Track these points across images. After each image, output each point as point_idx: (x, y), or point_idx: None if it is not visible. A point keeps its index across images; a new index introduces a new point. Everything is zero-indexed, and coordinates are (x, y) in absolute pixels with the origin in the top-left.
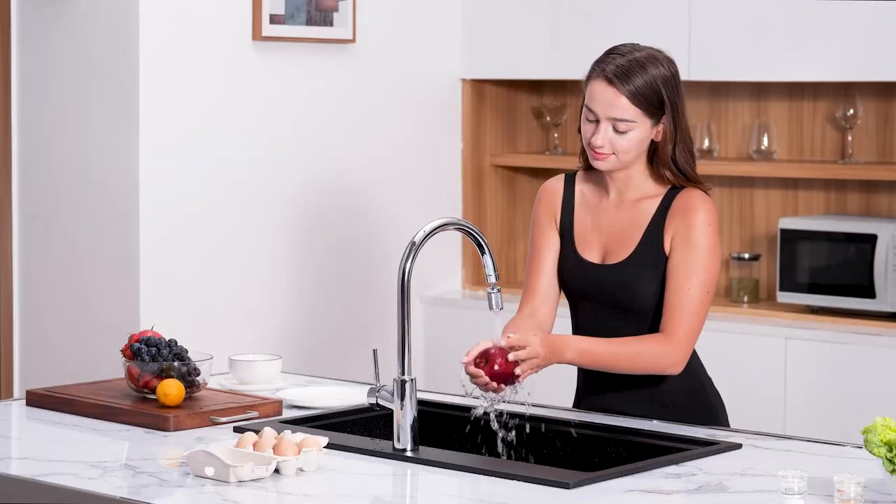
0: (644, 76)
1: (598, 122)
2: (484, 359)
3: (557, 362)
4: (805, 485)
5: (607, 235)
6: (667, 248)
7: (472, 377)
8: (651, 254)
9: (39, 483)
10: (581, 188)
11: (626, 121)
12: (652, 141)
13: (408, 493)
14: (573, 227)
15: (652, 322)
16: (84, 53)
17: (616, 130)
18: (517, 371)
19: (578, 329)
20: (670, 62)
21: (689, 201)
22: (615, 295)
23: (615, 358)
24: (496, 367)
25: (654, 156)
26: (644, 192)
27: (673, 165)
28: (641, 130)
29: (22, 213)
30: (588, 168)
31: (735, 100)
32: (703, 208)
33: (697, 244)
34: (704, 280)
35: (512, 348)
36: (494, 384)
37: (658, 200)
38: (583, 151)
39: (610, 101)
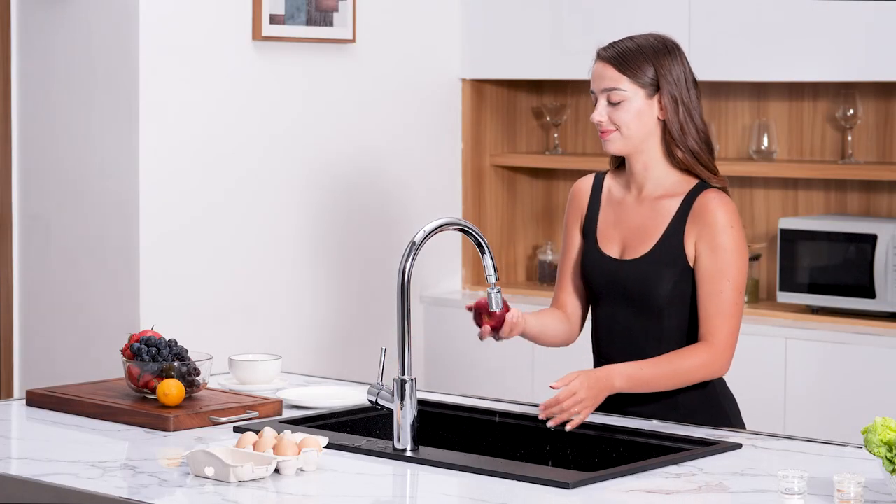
0: (632, 47)
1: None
2: (487, 312)
3: (611, 393)
4: (805, 485)
5: (627, 230)
6: (688, 251)
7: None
8: (669, 252)
9: (39, 483)
10: (609, 185)
11: (617, 90)
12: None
13: (408, 493)
14: (597, 222)
15: (666, 321)
16: (84, 54)
17: (611, 103)
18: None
19: (597, 327)
20: (669, 41)
21: (708, 203)
22: (631, 290)
23: (664, 377)
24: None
25: (669, 142)
26: (666, 187)
27: (683, 145)
28: (636, 101)
29: (22, 213)
30: (617, 167)
31: (735, 100)
32: (723, 209)
33: (723, 247)
34: (735, 282)
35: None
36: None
37: (680, 199)
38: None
39: (600, 73)
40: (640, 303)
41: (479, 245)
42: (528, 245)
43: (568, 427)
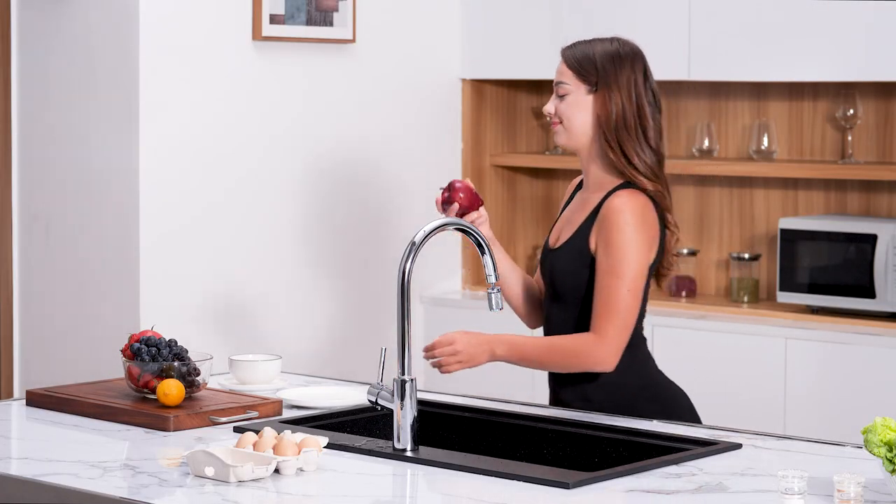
0: (586, 47)
1: None
2: (447, 189)
3: (491, 359)
4: (805, 485)
5: (563, 222)
6: (591, 245)
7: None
8: (578, 245)
9: (39, 483)
10: None
11: (563, 83)
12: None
13: (408, 493)
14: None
15: (582, 312)
16: (84, 53)
17: (558, 96)
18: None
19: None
20: (627, 46)
21: (611, 202)
22: (551, 279)
23: (543, 357)
24: (460, 196)
25: (602, 142)
26: (600, 184)
27: (617, 147)
28: (577, 96)
29: (22, 213)
30: None
31: (735, 100)
32: (625, 208)
33: (615, 244)
34: (627, 280)
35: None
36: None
37: (601, 196)
38: None
39: (557, 69)
40: (559, 291)
41: (479, 245)
42: (528, 245)
43: (441, 371)
